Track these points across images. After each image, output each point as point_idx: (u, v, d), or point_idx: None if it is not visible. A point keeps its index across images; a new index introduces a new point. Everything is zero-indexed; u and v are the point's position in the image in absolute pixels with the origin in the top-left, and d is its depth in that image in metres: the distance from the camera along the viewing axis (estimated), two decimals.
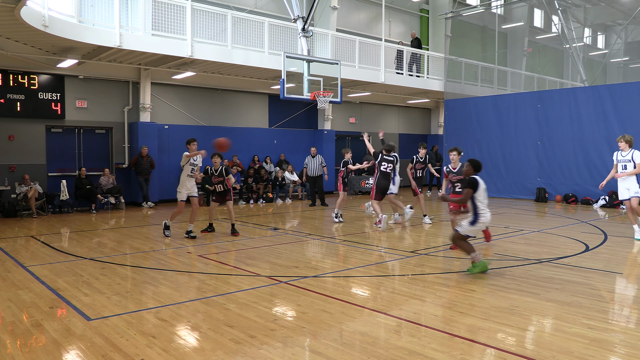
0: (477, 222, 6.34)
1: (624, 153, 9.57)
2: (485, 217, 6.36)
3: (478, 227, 6.40)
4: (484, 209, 6.35)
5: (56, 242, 9.45)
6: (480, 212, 6.32)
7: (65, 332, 4.66)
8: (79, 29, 11.68)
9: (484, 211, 6.32)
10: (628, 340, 4.37)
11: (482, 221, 6.32)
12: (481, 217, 6.30)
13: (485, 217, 6.36)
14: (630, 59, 25.75)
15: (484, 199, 6.37)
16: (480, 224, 6.33)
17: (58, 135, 14.98)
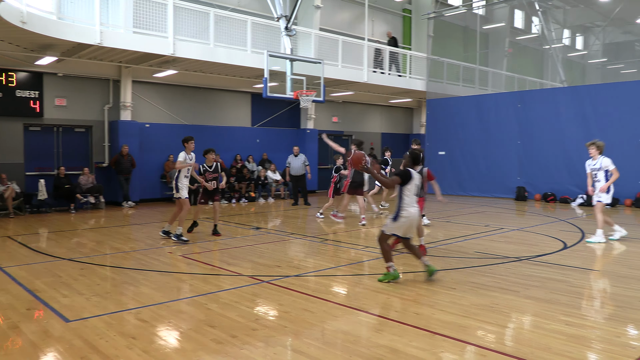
0: (398, 218, 5.98)
1: (593, 161, 9.27)
2: (408, 213, 5.96)
3: (400, 223, 6.00)
4: (410, 204, 5.99)
5: (34, 243, 9.29)
6: (404, 206, 5.96)
7: (43, 334, 4.59)
8: (58, 25, 11.49)
9: (408, 206, 5.96)
10: (604, 336, 4.46)
11: (404, 216, 5.94)
12: (403, 212, 5.94)
13: (408, 212, 5.96)
14: (608, 60, 26.25)
15: (412, 194, 6.01)
16: (403, 219, 5.94)
17: (36, 134, 14.73)
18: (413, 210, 6.02)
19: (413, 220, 6.05)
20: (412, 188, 6.04)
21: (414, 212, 6.02)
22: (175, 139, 17.02)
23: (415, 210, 6.05)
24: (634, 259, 7.73)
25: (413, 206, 6.05)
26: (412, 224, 6.08)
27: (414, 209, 6.04)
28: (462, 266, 7.40)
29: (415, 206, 6.06)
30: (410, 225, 6.08)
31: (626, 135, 15.20)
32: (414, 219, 6.05)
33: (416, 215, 6.07)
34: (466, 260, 7.83)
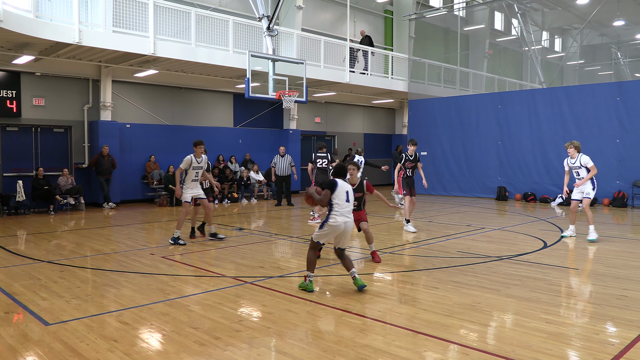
0: (324, 225, 5.88)
1: (572, 160, 9.63)
2: (334, 221, 5.85)
3: (324, 231, 5.89)
4: (337, 213, 5.87)
5: (12, 245, 9.12)
6: (331, 215, 5.87)
7: (22, 337, 4.51)
8: (35, 24, 11.31)
9: (335, 215, 5.85)
10: (584, 334, 4.54)
11: (331, 224, 5.83)
12: (330, 220, 5.84)
13: (335, 220, 5.84)
14: (585, 62, 26.70)
15: (341, 203, 5.90)
16: (327, 227, 5.84)
17: (14, 134, 14.46)
18: (340, 219, 5.85)
19: (339, 229, 5.87)
20: (340, 197, 5.91)
21: (340, 221, 5.85)
22: (157, 140, 16.93)
23: (343, 220, 5.87)
24: (611, 258, 7.88)
25: (342, 215, 5.88)
26: (338, 232, 5.91)
27: (341, 218, 5.87)
28: (444, 265, 7.47)
29: (345, 216, 5.89)
30: (335, 233, 5.93)
31: (603, 135, 15.51)
32: (340, 228, 5.87)
33: (343, 226, 5.88)
34: (448, 259, 7.90)
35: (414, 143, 10.96)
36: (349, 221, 5.93)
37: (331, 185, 5.97)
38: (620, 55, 23.69)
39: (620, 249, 8.60)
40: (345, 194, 5.96)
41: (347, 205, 5.94)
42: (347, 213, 5.94)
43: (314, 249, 6.07)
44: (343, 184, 6.04)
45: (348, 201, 5.97)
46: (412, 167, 10.85)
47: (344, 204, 5.92)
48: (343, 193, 5.96)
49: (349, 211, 5.97)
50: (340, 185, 5.97)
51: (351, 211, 6.02)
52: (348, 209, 5.95)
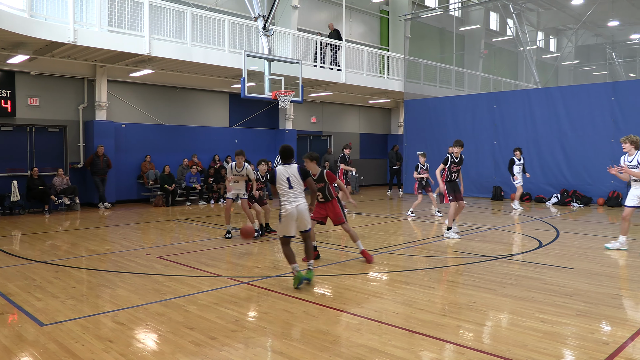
0: (280, 219, 5.98)
1: (629, 157, 8.27)
2: (285, 210, 5.92)
3: (283, 223, 5.95)
4: (286, 202, 5.94)
5: (6, 245, 9.08)
6: (282, 205, 5.95)
7: (17, 338, 4.49)
8: (30, 23, 11.25)
9: (285, 204, 5.93)
10: (579, 333, 4.55)
11: (284, 214, 5.90)
12: (282, 212, 5.92)
13: (285, 210, 5.92)
14: (580, 62, 26.81)
15: (285, 191, 5.98)
16: (283, 218, 5.91)
17: (8, 134, 14.39)
18: (290, 206, 5.94)
19: (293, 216, 5.94)
20: (282, 185, 5.98)
21: (291, 208, 5.93)
22: (152, 139, 16.89)
23: (293, 205, 5.94)
24: (606, 257, 7.91)
25: (290, 202, 5.96)
26: (294, 219, 5.98)
27: (290, 205, 5.95)
28: (440, 265, 7.48)
29: (293, 202, 5.95)
30: (293, 220, 6.00)
31: (597, 135, 15.57)
32: (293, 215, 5.95)
33: (295, 211, 5.95)
34: (444, 259, 7.92)
35: (460, 144, 9.87)
36: (300, 204, 6.01)
37: (271, 178, 6.11)
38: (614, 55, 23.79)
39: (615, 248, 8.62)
40: (286, 180, 6.01)
41: (290, 192, 6.00)
42: (295, 198, 6.00)
43: (285, 244, 6.15)
44: (282, 170, 6.06)
45: (291, 187, 6.02)
46: (457, 171, 9.92)
47: (288, 191, 5.99)
48: (284, 180, 6.01)
49: (297, 194, 6.02)
50: (279, 173, 6.02)
51: (299, 194, 6.06)
52: (294, 194, 6.00)
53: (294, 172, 6.09)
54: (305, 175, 6.17)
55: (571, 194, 15.70)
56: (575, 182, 15.99)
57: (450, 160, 9.77)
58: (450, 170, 9.82)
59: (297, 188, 6.05)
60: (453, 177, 9.86)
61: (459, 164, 9.84)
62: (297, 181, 6.09)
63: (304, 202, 6.11)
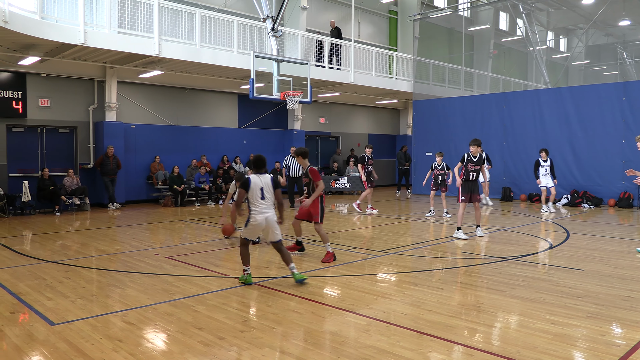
0: (247, 224, 6.07)
1: None
2: (255, 220, 6.03)
3: (249, 229, 6.07)
4: (256, 212, 6.04)
5: (17, 245, 9.16)
6: (252, 214, 6.05)
7: (28, 337, 4.53)
8: (41, 25, 11.35)
9: (254, 214, 6.03)
10: (589, 335, 4.51)
11: (252, 223, 6.01)
12: (251, 220, 6.03)
13: (255, 220, 6.03)
14: (590, 62, 26.60)
15: (257, 201, 6.06)
16: (251, 225, 6.02)
17: (19, 135, 14.53)
18: (259, 217, 6.04)
19: (260, 226, 6.05)
20: (255, 194, 6.04)
21: (260, 219, 6.03)
22: (161, 140, 16.98)
23: (262, 217, 6.04)
24: (617, 259, 7.84)
25: (260, 213, 6.05)
26: (261, 229, 6.10)
27: (260, 216, 6.04)
28: (449, 266, 7.45)
29: (263, 213, 6.05)
30: (260, 230, 6.10)
31: (608, 136, 15.44)
32: (262, 225, 6.05)
33: (264, 221, 6.05)
34: (453, 260, 7.89)
35: (477, 143, 9.67)
36: (268, 216, 6.09)
37: (244, 184, 6.06)
38: (625, 55, 23.58)
39: (626, 249, 8.55)
40: (259, 190, 6.07)
41: (262, 202, 6.07)
42: (265, 209, 6.08)
43: (244, 245, 6.25)
44: (257, 180, 6.10)
45: (263, 198, 6.09)
46: (475, 170, 9.68)
47: (260, 201, 6.06)
48: (257, 190, 6.07)
49: (267, 207, 6.10)
50: (253, 183, 6.06)
51: (269, 206, 6.14)
52: (265, 206, 6.09)
53: (268, 182, 6.18)
54: (276, 186, 6.27)
55: (581, 194, 15.57)
56: (586, 183, 15.86)
57: (467, 159, 9.66)
58: (467, 170, 9.68)
59: (268, 199, 6.14)
60: (471, 176, 9.72)
61: (477, 163, 9.63)
62: (270, 191, 6.18)
63: (273, 213, 6.19)
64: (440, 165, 13.10)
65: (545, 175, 14.06)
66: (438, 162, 13.10)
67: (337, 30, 18.83)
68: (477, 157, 9.65)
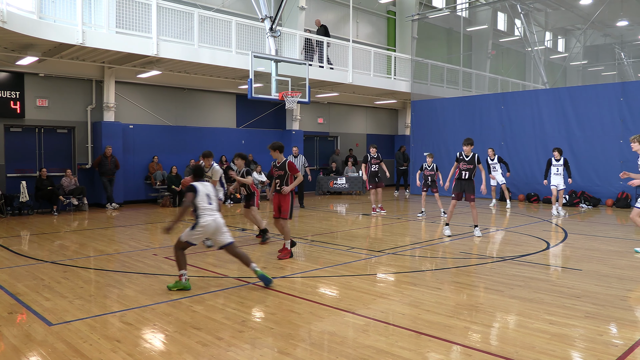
0: (195, 227, 6.12)
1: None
2: (205, 221, 6.12)
3: (197, 231, 6.12)
4: (204, 214, 6.13)
5: (15, 245, 9.15)
6: (199, 216, 6.13)
7: (25, 338, 4.52)
8: (39, 25, 11.34)
9: (202, 217, 6.12)
10: (587, 335, 4.52)
11: (202, 224, 6.09)
12: (200, 221, 6.10)
13: (205, 220, 6.12)
14: (588, 63, 26.63)
15: (204, 204, 6.17)
16: (199, 227, 6.10)
17: (17, 135, 14.50)
18: (209, 218, 6.14)
19: (210, 227, 6.14)
20: (201, 199, 6.17)
21: (209, 220, 6.12)
22: (160, 140, 16.96)
23: (212, 218, 6.14)
24: (615, 259, 7.85)
25: (209, 215, 6.16)
26: (210, 231, 6.18)
27: (210, 217, 6.15)
28: (447, 266, 7.46)
29: (211, 215, 6.17)
30: (208, 233, 6.20)
31: (606, 136, 15.47)
32: (211, 227, 6.14)
33: (214, 224, 6.15)
34: (451, 260, 7.89)
35: (469, 142, 9.84)
36: (217, 217, 6.22)
37: (191, 189, 6.21)
38: (623, 55, 23.61)
39: (624, 249, 8.57)
40: (205, 197, 6.24)
41: (210, 207, 6.23)
42: (212, 212, 6.24)
43: (182, 249, 6.22)
44: (202, 188, 6.29)
45: (210, 203, 6.25)
46: (468, 169, 9.78)
47: (207, 206, 6.20)
48: (204, 196, 6.22)
49: (214, 210, 6.28)
50: (200, 190, 6.23)
51: (216, 210, 6.31)
52: (212, 209, 6.25)
53: (210, 189, 6.40)
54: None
55: (579, 195, 15.59)
56: (584, 183, 15.88)
57: (459, 158, 9.86)
58: (460, 169, 9.87)
59: (214, 203, 6.34)
60: (463, 175, 9.87)
61: (469, 162, 9.77)
62: (214, 197, 6.37)
63: (221, 217, 6.31)
64: (431, 166, 13.23)
65: (556, 174, 13.31)
66: (428, 163, 13.25)
67: (323, 28, 18.63)
68: (470, 157, 9.80)
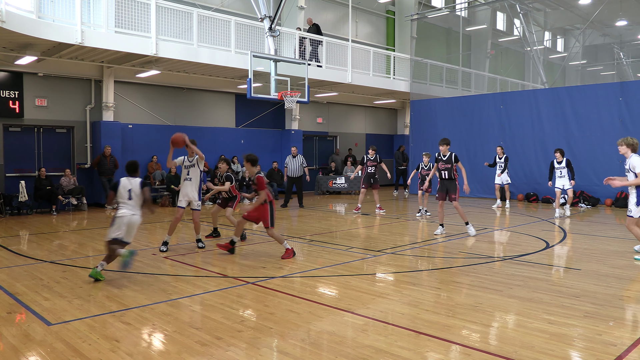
0: (115, 219, 6.52)
1: (626, 161, 7.75)
2: (120, 213, 6.53)
3: (114, 225, 6.49)
4: (122, 207, 6.55)
5: (14, 245, 9.14)
6: (118, 209, 6.58)
7: (24, 337, 4.52)
8: (38, 25, 11.32)
9: (121, 208, 6.55)
10: (586, 334, 4.52)
11: (117, 216, 6.50)
12: (117, 214, 6.53)
13: (120, 213, 6.52)
14: (587, 62, 26.65)
15: (124, 200, 6.57)
16: (116, 220, 6.48)
17: (16, 135, 14.49)
18: (124, 211, 6.51)
19: (123, 220, 6.48)
20: (121, 195, 6.58)
21: (124, 213, 6.49)
22: (159, 140, 16.93)
23: (128, 212, 6.50)
24: (614, 258, 7.86)
25: (125, 209, 6.53)
26: (124, 224, 6.48)
27: (126, 211, 6.51)
28: (446, 266, 7.46)
29: (128, 209, 6.52)
30: (122, 225, 6.47)
31: (605, 135, 15.47)
32: (124, 220, 6.48)
33: (128, 218, 6.48)
34: (450, 260, 7.90)
35: (445, 142, 9.94)
36: (134, 215, 6.54)
37: (114, 186, 6.68)
38: (622, 55, 23.62)
39: (622, 249, 8.58)
40: (127, 192, 6.60)
41: (129, 202, 6.58)
42: (131, 207, 6.56)
43: (113, 243, 6.53)
44: (126, 182, 6.65)
45: (130, 198, 6.59)
46: (446, 169, 9.87)
47: (127, 201, 6.58)
48: (125, 192, 6.60)
49: (133, 206, 6.58)
50: (122, 184, 6.63)
51: (136, 206, 6.60)
52: (131, 205, 6.57)
53: (136, 185, 6.66)
54: (143, 186, 6.72)
55: (578, 194, 15.59)
56: (583, 182, 15.88)
57: (438, 159, 10.05)
58: (439, 169, 10.06)
59: (135, 200, 6.62)
60: (443, 175, 10.02)
61: (447, 162, 9.92)
62: (137, 194, 6.63)
63: (139, 215, 6.62)
64: (427, 166, 13.36)
65: (560, 177, 12.92)
66: (425, 163, 13.33)
67: (315, 26, 18.53)
68: (447, 157, 9.92)
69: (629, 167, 7.62)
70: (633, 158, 7.57)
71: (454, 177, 9.93)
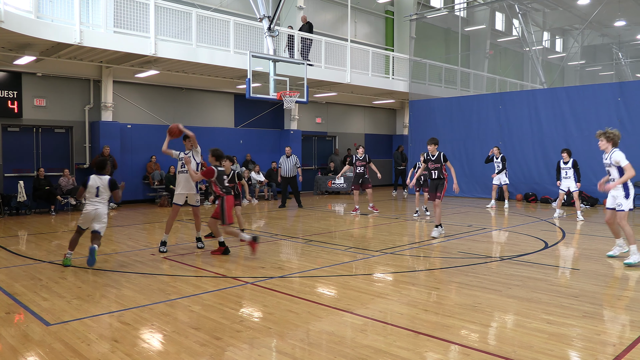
0: (82, 213, 7.30)
1: (605, 155, 7.54)
2: (86, 209, 7.23)
3: (82, 217, 7.24)
4: (88, 203, 7.23)
5: (13, 245, 9.13)
6: (85, 204, 7.26)
7: (23, 338, 4.51)
8: (37, 24, 11.32)
9: (87, 204, 7.23)
10: (585, 334, 4.53)
11: (84, 212, 7.25)
12: (84, 210, 7.26)
13: (86, 209, 7.24)
14: (586, 62, 26.70)
15: (92, 197, 7.21)
16: (83, 214, 7.24)
17: (15, 135, 14.47)
18: (90, 207, 7.22)
19: (90, 215, 7.22)
20: (90, 191, 7.22)
21: (90, 209, 7.21)
22: (158, 140, 16.85)
23: (93, 208, 7.21)
24: (613, 258, 7.86)
25: (91, 204, 7.22)
26: (90, 218, 7.24)
27: (91, 206, 7.22)
28: (445, 266, 7.47)
29: (93, 204, 7.21)
30: (89, 219, 7.24)
31: None
32: (91, 214, 7.22)
33: (93, 213, 7.21)
34: (449, 260, 7.90)
35: (433, 142, 9.92)
36: (98, 208, 7.26)
37: (83, 183, 7.29)
38: (621, 55, 23.67)
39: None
40: (95, 189, 7.23)
41: (96, 199, 7.25)
42: (97, 204, 7.26)
43: (78, 233, 7.38)
44: (94, 181, 7.22)
45: (97, 195, 7.24)
46: (435, 168, 9.95)
47: (94, 198, 7.25)
48: (93, 188, 7.23)
49: (99, 201, 7.27)
50: (91, 182, 7.22)
51: (102, 201, 7.28)
52: (98, 201, 7.26)
53: (105, 183, 7.26)
54: (113, 187, 7.31)
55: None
56: (582, 182, 15.88)
57: (427, 159, 10.15)
58: (429, 168, 10.12)
59: (102, 196, 7.28)
60: (433, 174, 10.08)
61: (435, 161, 9.98)
62: (105, 190, 7.28)
63: (104, 207, 7.32)
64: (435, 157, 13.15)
65: (566, 178, 12.74)
66: (421, 162, 13.08)
67: (308, 24, 18.48)
68: (435, 156, 10.00)
69: (610, 162, 7.35)
70: (615, 153, 7.33)
71: (443, 176, 10.00)
